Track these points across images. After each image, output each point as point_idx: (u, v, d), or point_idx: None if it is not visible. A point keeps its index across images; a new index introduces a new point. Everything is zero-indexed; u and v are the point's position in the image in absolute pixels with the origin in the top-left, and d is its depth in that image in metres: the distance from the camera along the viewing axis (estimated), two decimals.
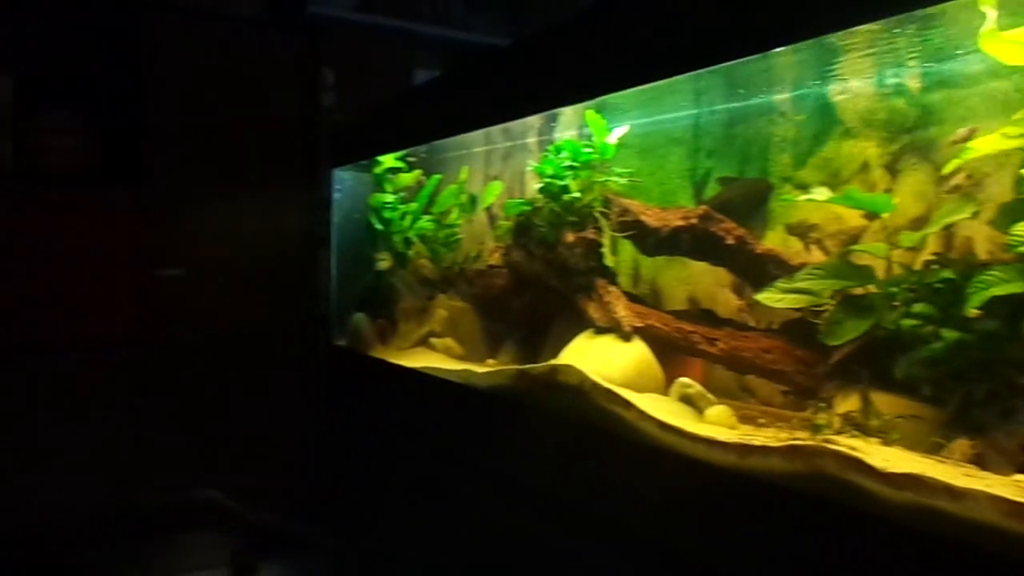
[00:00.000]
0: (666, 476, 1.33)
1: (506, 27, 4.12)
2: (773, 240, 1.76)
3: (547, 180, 1.89)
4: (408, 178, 2.73)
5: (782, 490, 1.12)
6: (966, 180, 1.38)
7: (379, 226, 2.71)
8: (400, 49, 3.88)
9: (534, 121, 2.19)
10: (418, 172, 2.73)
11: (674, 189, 2.02)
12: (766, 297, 1.47)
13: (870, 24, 1.13)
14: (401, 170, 2.73)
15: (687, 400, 1.52)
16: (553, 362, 1.70)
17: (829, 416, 1.27)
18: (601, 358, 1.64)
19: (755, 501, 1.17)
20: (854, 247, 1.52)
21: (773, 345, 1.58)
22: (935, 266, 1.29)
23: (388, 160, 2.70)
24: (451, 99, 2.26)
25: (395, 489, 2.37)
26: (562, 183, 1.87)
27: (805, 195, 1.54)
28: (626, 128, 1.87)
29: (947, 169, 1.32)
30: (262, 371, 3.36)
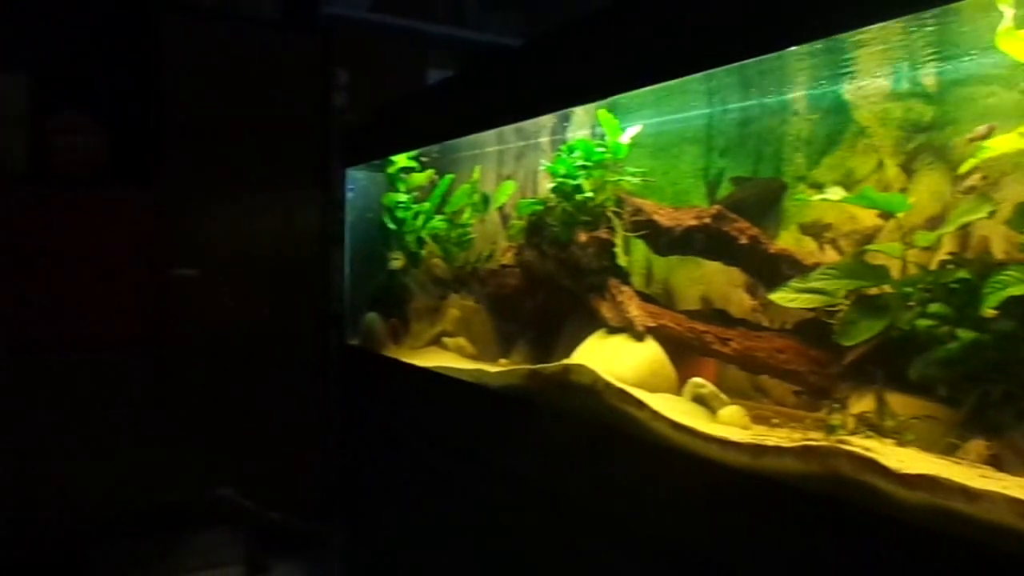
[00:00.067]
0: (679, 476, 1.33)
1: (520, 27, 4.12)
2: (787, 240, 1.75)
3: (560, 180, 1.89)
4: (421, 178, 2.73)
5: (795, 491, 1.11)
6: (982, 180, 1.37)
7: (392, 225, 2.72)
8: (414, 49, 3.89)
9: (547, 120, 2.19)
10: (431, 172, 2.73)
11: (687, 188, 2.01)
12: (780, 297, 1.46)
13: (885, 23, 1.12)
14: (414, 170, 2.73)
15: (700, 400, 1.52)
16: (565, 362, 1.70)
17: (843, 416, 1.26)
18: (614, 358, 1.64)
19: (768, 502, 1.16)
20: (869, 247, 1.51)
21: (787, 345, 1.57)
22: (951, 266, 1.27)
23: (401, 160, 2.70)
24: (464, 99, 2.26)
25: (407, 488, 2.38)
26: (575, 183, 1.87)
27: (819, 194, 1.54)
28: (639, 127, 1.87)
29: (963, 168, 1.31)
30: (275, 370, 3.38)
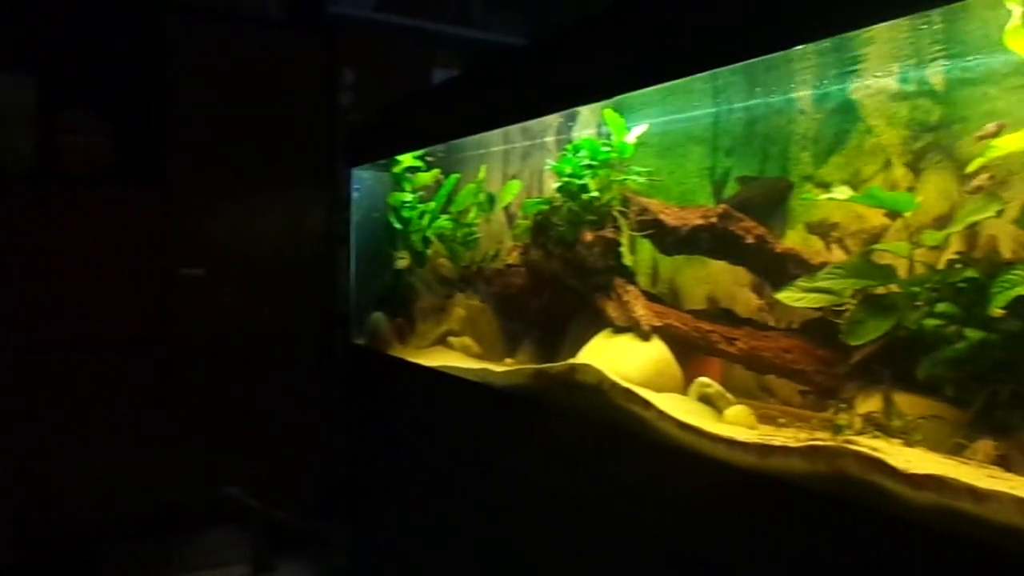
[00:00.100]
0: (685, 476, 1.32)
1: (526, 26, 4.12)
2: (793, 239, 1.75)
3: (566, 179, 1.89)
4: (427, 177, 2.73)
5: (802, 491, 1.11)
6: (989, 179, 1.36)
7: (398, 225, 2.72)
8: (419, 48, 3.89)
9: (552, 120, 2.19)
10: (437, 171, 2.73)
11: (693, 188, 2.01)
12: (786, 296, 1.46)
13: (892, 21, 1.12)
14: (420, 169, 2.73)
15: (706, 400, 1.51)
16: (571, 361, 1.70)
17: (850, 416, 1.25)
18: (619, 357, 1.63)
19: (775, 502, 1.16)
20: (876, 246, 1.51)
21: (793, 345, 1.57)
22: (959, 265, 1.27)
23: (407, 159, 2.70)
24: (470, 98, 2.26)
25: (412, 487, 2.38)
26: (581, 182, 1.86)
27: (826, 194, 1.53)
28: (645, 127, 1.86)
29: (972, 167, 1.30)
30: (281, 369, 3.39)
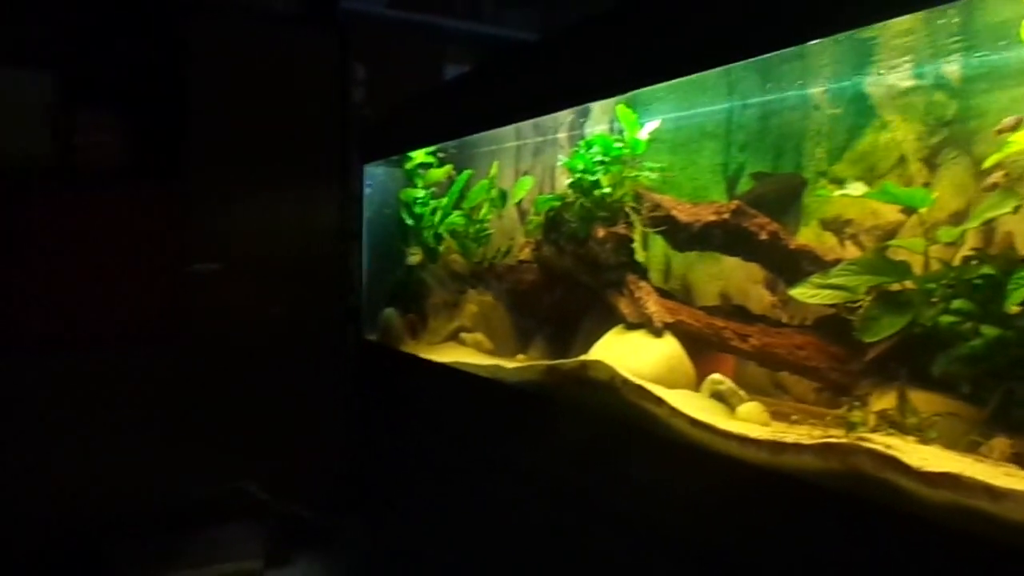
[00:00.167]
0: (697, 473, 1.32)
1: (538, 22, 4.11)
2: (807, 236, 1.74)
3: (578, 175, 1.88)
4: (439, 173, 2.73)
5: (815, 488, 1.11)
6: (1004, 177, 1.34)
7: (410, 221, 2.72)
8: (431, 44, 3.89)
9: (565, 116, 2.18)
10: (449, 167, 2.73)
11: (706, 184, 2.00)
12: (800, 293, 1.45)
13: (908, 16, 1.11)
14: (432, 165, 2.73)
15: (719, 397, 1.51)
16: (583, 358, 1.69)
17: (864, 413, 1.25)
18: (632, 354, 1.63)
19: (788, 499, 1.16)
20: (891, 242, 1.49)
21: (806, 341, 1.56)
22: (975, 262, 1.26)
23: (419, 155, 2.70)
24: (482, 94, 2.26)
25: (424, 482, 2.38)
26: (593, 178, 1.86)
27: (840, 190, 1.52)
28: (657, 123, 1.86)
29: (988, 163, 1.29)
30: (294, 365, 3.40)
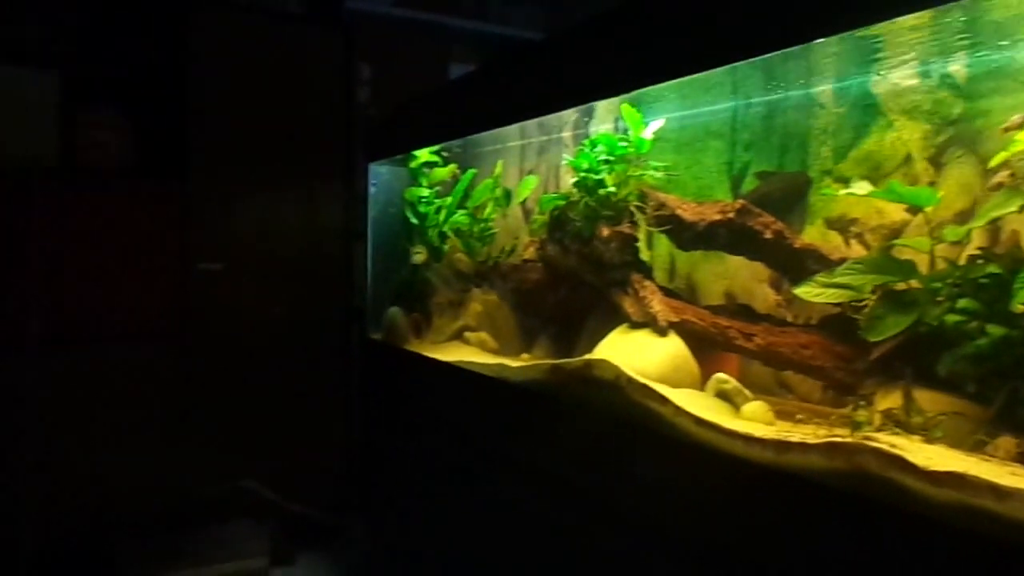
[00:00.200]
0: (702, 472, 1.32)
1: (543, 21, 4.11)
2: (812, 235, 1.73)
3: (582, 174, 1.88)
4: (443, 172, 2.73)
5: (820, 487, 1.10)
6: (1010, 177, 1.34)
7: (414, 220, 2.72)
8: (436, 44, 3.89)
9: (569, 115, 2.18)
10: (453, 166, 2.73)
11: (711, 183, 2.00)
12: (805, 292, 1.45)
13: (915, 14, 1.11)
14: (436, 164, 2.73)
15: (723, 396, 1.51)
16: (588, 357, 1.69)
17: (869, 413, 1.25)
18: (636, 353, 1.63)
19: (793, 498, 1.15)
20: (896, 241, 1.49)
21: (811, 341, 1.56)
22: (980, 261, 1.26)
23: (424, 154, 2.71)
24: (487, 93, 2.26)
25: (429, 481, 2.39)
26: (597, 177, 1.86)
27: (846, 189, 1.52)
28: (662, 122, 1.85)
29: (994, 161, 1.29)
30: (298, 364, 3.40)
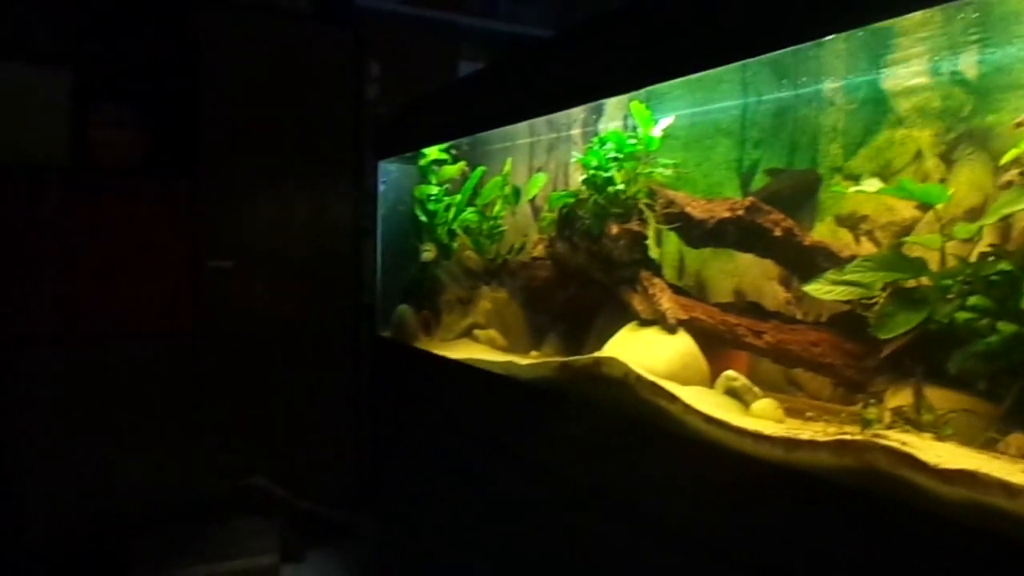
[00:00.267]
0: (711, 470, 1.32)
1: (552, 18, 4.10)
2: (822, 232, 1.73)
3: (591, 172, 1.88)
4: (452, 170, 2.74)
5: (830, 485, 1.10)
6: (1020, 174, 1.33)
7: (423, 218, 2.73)
8: (445, 41, 3.90)
9: (578, 112, 2.18)
10: (462, 164, 2.74)
11: (720, 180, 2.00)
12: (815, 289, 1.45)
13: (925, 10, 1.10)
14: (446, 162, 2.74)
15: (733, 393, 1.51)
16: (597, 354, 1.69)
17: (879, 410, 1.24)
18: (645, 350, 1.63)
19: (802, 496, 1.15)
20: (906, 239, 1.49)
21: (821, 338, 1.55)
22: (991, 258, 1.25)
23: (433, 152, 2.71)
24: (496, 91, 2.26)
25: (438, 479, 2.39)
26: (607, 175, 1.86)
27: (856, 186, 1.51)
28: (671, 119, 1.85)
29: (1006, 158, 1.28)
30: (308, 361, 3.42)
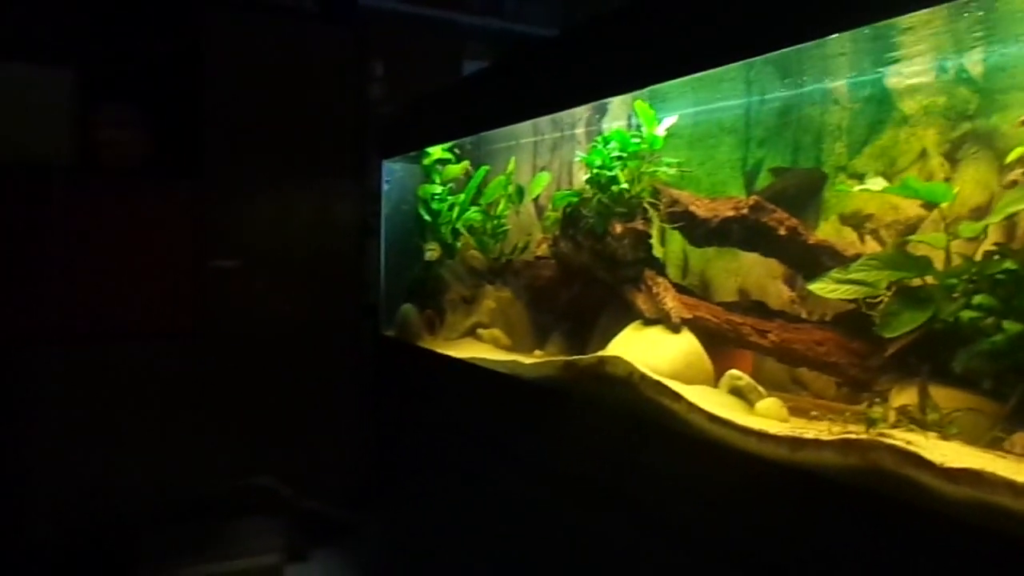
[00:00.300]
0: (716, 469, 1.32)
1: (557, 17, 4.09)
2: (827, 231, 1.73)
3: (595, 171, 1.88)
4: (456, 169, 2.74)
5: (835, 484, 1.10)
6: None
7: (427, 217, 2.73)
8: (449, 40, 3.89)
9: (582, 111, 2.18)
10: (466, 163, 2.74)
11: (724, 179, 1.99)
12: (819, 288, 1.45)
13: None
14: (449, 161, 2.74)
15: (737, 392, 1.50)
16: (601, 353, 1.69)
17: (884, 409, 1.24)
18: (649, 349, 1.63)
19: (807, 495, 1.15)
20: (911, 237, 1.48)
21: (826, 337, 1.55)
22: (997, 256, 1.25)
23: (436, 151, 2.71)
24: (500, 90, 2.26)
25: (442, 478, 2.39)
26: (611, 174, 1.86)
27: (860, 185, 1.51)
28: (675, 118, 1.85)
29: (1011, 157, 1.28)
30: (312, 360, 3.41)
